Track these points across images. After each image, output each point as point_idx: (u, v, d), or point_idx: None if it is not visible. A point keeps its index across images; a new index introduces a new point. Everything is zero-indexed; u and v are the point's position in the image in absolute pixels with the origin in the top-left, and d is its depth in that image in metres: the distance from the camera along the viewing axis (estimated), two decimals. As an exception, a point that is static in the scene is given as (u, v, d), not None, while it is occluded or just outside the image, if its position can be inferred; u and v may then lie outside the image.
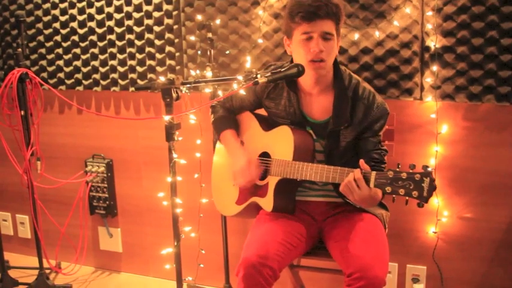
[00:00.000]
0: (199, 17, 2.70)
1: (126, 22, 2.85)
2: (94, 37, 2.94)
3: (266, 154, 2.12)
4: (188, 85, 2.02)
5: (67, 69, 3.06)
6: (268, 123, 2.18)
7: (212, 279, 2.95)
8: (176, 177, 2.07)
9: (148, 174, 3.04)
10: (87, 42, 2.96)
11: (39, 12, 3.04)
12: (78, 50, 3.00)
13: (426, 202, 1.67)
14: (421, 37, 2.36)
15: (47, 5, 3.00)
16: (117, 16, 2.85)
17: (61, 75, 3.08)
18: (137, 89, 2.86)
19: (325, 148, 2.06)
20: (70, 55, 3.03)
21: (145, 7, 2.79)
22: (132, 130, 3.02)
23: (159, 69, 2.83)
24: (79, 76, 3.04)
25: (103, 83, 2.98)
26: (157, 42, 2.81)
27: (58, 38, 3.03)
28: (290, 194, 2.10)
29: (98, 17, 2.90)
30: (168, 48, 2.79)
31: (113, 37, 2.89)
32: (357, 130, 2.02)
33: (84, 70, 3.01)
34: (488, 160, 2.39)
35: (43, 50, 3.09)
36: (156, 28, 2.79)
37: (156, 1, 2.76)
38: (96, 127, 3.10)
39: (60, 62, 3.06)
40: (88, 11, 2.92)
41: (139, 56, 2.86)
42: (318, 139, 2.07)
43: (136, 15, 2.81)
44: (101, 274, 3.25)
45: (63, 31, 3.01)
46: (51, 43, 3.06)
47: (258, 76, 1.89)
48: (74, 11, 2.95)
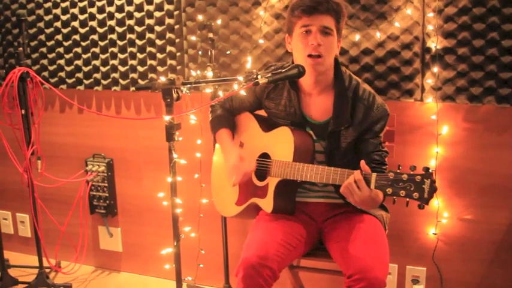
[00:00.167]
0: (200, 17, 2.70)
1: (127, 22, 2.85)
2: (95, 36, 2.94)
3: (266, 155, 2.12)
4: (189, 85, 2.03)
5: (68, 68, 3.06)
6: (268, 124, 2.18)
7: (212, 279, 2.95)
8: (176, 177, 2.07)
9: (148, 174, 3.04)
10: (88, 41, 2.96)
11: (40, 11, 3.04)
12: (79, 49, 3.00)
13: (427, 204, 1.66)
14: (422, 38, 2.36)
15: (48, 4, 3.00)
16: (118, 16, 2.85)
17: (62, 74, 3.08)
18: (138, 89, 2.87)
19: (325, 149, 2.06)
20: (71, 54, 3.03)
21: (146, 7, 2.79)
22: (133, 130, 3.02)
23: (160, 69, 2.83)
24: (80, 75, 3.04)
25: (104, 83, 2.98)
26: (158, 42, 2.80)
27: (59, 37, 3.03)
28: (290, 195, 2.10)
29: (99, 17, 2.90)
30: (169, 48, 2.79)
31: (114, 37, 2.89)
32: (357, 131, 2.01)
33: (85, 69, 3.01)
34: (488, 162, 2.38)
35: (44, 49, 3.08)
36: (157, 28, 2.79)
37: (157, 1, 2.76)
38: (96, 127, 3.11)
39: (61, 61, 3.06)
40: (89, 11, 2.92)
41: (140, 56, 2.86)
42: (318, 140, 2.07)
43: (137, 14, 2.81)
44: (101, 273, 3.25)
45: (64, 30, 3.01)
46: (52, 42, 3.06)
47: (259, 77, 1.89)
48: (75, 10, 2.95)
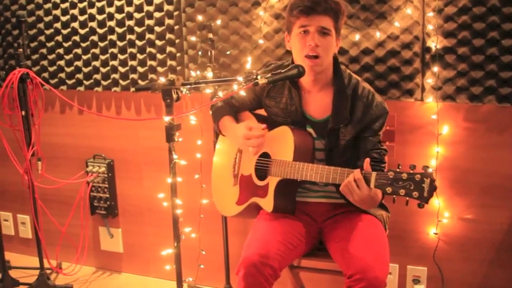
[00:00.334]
0: (200, 18, 2.70)
1: (127, 22, 2.85)
2: (95, 37, 2.94)
3: (266, 154, 2.12)
4: (189, 86, 2.02)
5: (68, 69, 3.06)
6: (267, 123, 2.18)
7: (212, 279, 2.95)
8: (176, 178, 2.06)
9: (149, 174, 3.04)
10: (88, 42, 2.97)
11: (40, 12, 3.04)
12: (79, 50, 3.00)
13: (426, 203, 1.66)
14: (422, 38, 2.36)
15: (48, 5, 3.00)
16: (118, 16, 2.85)
17: (62, 75, 3.08)
18: (138, 90, 2.87)
19: (325, 146, 2.06)
20: (71, 55, 3.03)
21: (146, 7, 2.79)
22: (133, 130, 3.02)
23: (160, 69, 2.83)
24: (80, 76, 3.04)
25: (104, 84, 2.98)
26: (158, 42, 2.81)
27: (59, 38, 3.03)
28: (290, 195, 2.10)
29: (99, 17, 2.90)
30: (169, 48, 2.79)
31: (114, 37, 2.90)
32: (356, 129, 2.01)
33: (85, 70, 3.01)
34: (489, 161, 2.38)
35: (44, 50, 3.09)
36: (157, 28, 2.79)
37: (157, 1, 2.76)
38: (97, 127, 3.11)
39: (61, 62, 3.06)
40: (89, 11, 2.92)
41: (140, 57, 2.86)
42: (319, 138, 2.07)
43: (137, 15, 2.81)
44: (102, 274, 3.25)
45: (64, 31, 3.01)
46: (52, 43, 3.06)
47: (259, 77, 1.89)
48: (75, 11, 2.95)
